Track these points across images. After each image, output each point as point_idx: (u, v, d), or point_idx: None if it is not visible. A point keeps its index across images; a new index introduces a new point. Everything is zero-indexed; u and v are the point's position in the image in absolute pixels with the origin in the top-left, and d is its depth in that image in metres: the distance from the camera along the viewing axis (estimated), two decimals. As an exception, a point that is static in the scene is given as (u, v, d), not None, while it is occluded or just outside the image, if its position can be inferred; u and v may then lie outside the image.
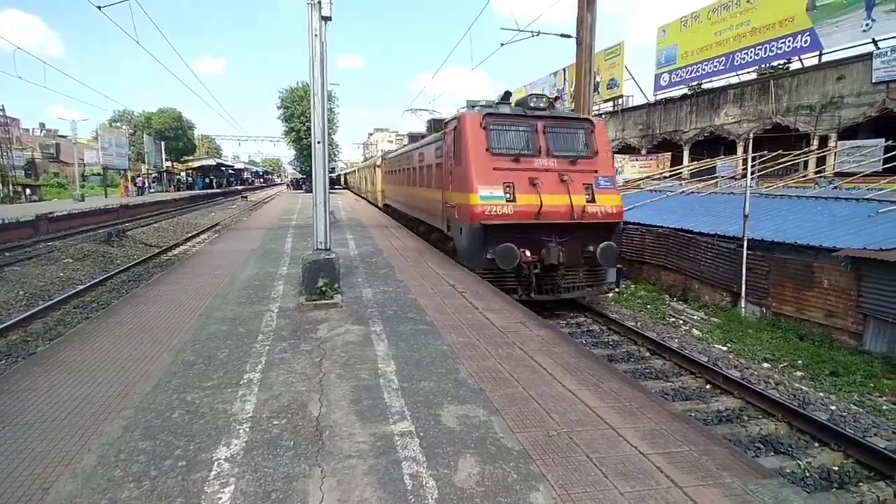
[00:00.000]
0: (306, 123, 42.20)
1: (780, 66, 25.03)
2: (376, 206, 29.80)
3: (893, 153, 17.59)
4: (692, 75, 30.13)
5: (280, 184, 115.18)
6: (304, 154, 49.03)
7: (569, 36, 17.24)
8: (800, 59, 24.31)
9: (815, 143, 22.65)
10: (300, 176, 60.68)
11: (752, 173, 14.61)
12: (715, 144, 28.82)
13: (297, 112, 47.81)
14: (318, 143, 8.11)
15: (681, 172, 26.65)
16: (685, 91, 30.50)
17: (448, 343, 5.96)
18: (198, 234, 23.47)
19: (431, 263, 11.38)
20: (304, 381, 4.82)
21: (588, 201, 10.87)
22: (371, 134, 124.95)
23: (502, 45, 17.72)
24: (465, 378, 4.93)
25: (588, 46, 16.18)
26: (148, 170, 56.35)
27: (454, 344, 5.92)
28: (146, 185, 51.55)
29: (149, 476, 3.32)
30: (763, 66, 25.63)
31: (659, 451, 3.68)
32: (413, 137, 21.53)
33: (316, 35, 7.84)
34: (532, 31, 17.36)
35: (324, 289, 7.77)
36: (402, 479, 3.26)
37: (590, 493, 3.15)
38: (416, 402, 4.38)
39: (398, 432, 3.86)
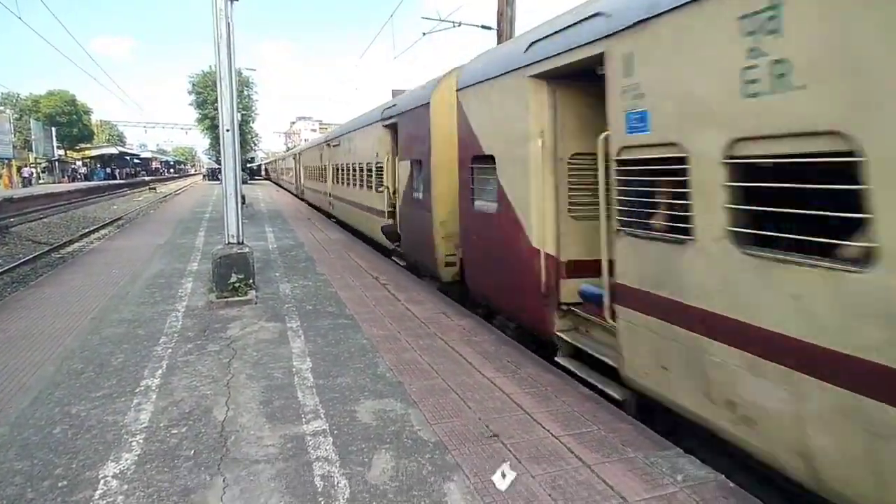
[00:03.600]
0: (220, 110, 39.89)
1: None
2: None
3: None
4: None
5: (195, 174, 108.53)
6: (219, 142, 46.42)
7: (490, 28, 17.43)
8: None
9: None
10: (217, 166, 57.47)
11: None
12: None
13: (210, 98, 45.03)
14: (228, 130, 7.63)
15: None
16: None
17: (368, 336, 5.83)
18: (97, 230, 21.52)
19: (354, 256, 11.14)
20: (210, 384, 4.51)
21: None
22: (293, 122, 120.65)
23: (424, 34, 17.61)
24: (384, 372, 4.84)
25: (508, 38, 16.46)
26: (36, 158, 50.92)
27: (374, 337, 5.81)
28: (33, 175, 46.57)
29: (24, 499, 2.96)
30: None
31: (571, 432, 3.79)
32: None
33: (222, 15, 7.34)
34: (453, 22, 17.37)
35: (237, 285, 7.35)
36: (312, 481, 3.12)
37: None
38: (332, 400, 4.23)
39: (310, 432, 3.70)
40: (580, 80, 4.79)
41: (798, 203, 2.72)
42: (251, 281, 7.60)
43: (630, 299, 4.01)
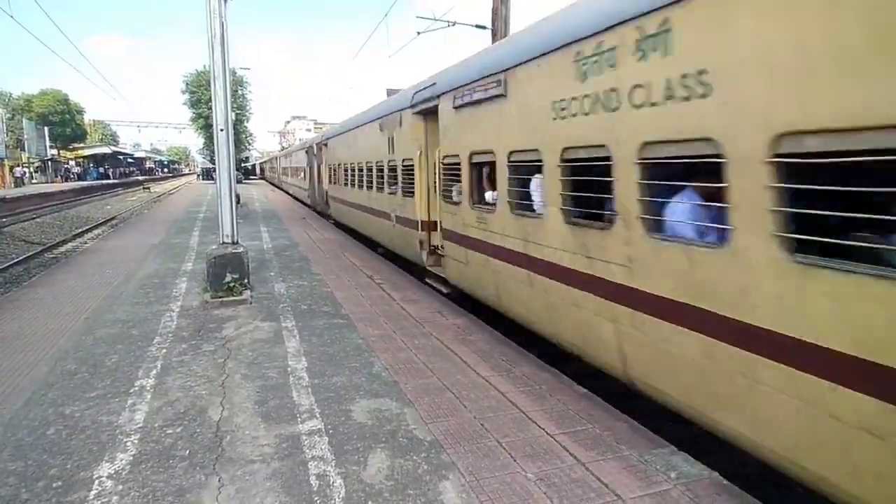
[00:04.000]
0: (214, 109, 39.68)
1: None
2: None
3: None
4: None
5: (189, 174, 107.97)
6: (213, 142, 46.18)
7: (484, 27, 17.43)
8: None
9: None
10: (211, 165, 57.21)
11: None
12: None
13: (204, 97, 44.84)
14: (222, 130, 7.60)
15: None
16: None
17: (363, 336, 5.83)
18: (90, 230, 21.39)
19: (350, 255, 11.13)
20: (205, 384, 4.50)
21: None
22: (288, 122, 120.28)
23: (419, 33, 17.59)
24: (380, 371, 4.84)
25: (503, 37, 16.47)
26: (29, 158, 50.56)
27: (370, 336, 5.81)
28: (26, 175, 46.20)
29: (19, 500, 2.96)
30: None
31: (565, 430, 3.80)
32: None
33: (215, 14, 7.32)
34: (448, 21, 17.37)
35: (231, 285, 7.33)
36: (307, 480, 3.12)
37: (498, 477, 3.19)
38: (327, 399, 4.23)
39: (306, 431, 3.70)
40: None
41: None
42: (246, 281, 7.58)
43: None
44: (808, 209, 2.60)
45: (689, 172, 3.57)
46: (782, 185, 2.68)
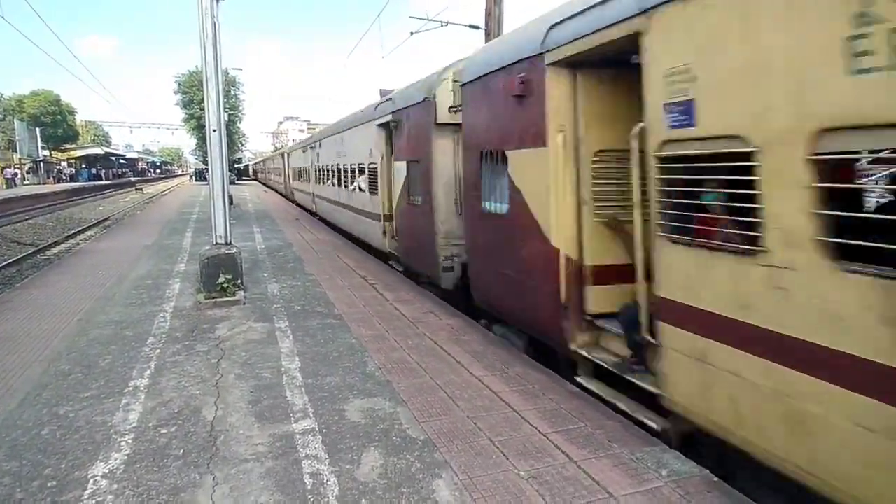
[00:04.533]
0: (208, 110, 39.56)
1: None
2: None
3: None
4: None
5: (181, 174, 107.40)
6: (206, 143, 46.00)
7: (477, 27, 17.49)
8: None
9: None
10: (204, 166, 56.99)
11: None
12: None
13: (196, 98, 44.68)
14: (214, 130, 7.61)
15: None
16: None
17: (357, 336, 5.85)
18: (83, 231, 21.26)
19: (343, 256, 11.14)
20: (199, 384, 4.51)
21: None
22: (281, 122, 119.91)
23: (412, 33, 17.63)
24: (373, 371, 4.86)
25: (495, 37, 16.55)
26: (21, 159, 50.16)
27: (363, 337, 5.83)
28: (17, 176, 45.83)
29: (13, 499, 2.96)
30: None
31: (558, 429, 3.84)
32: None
33: (207, 14, 7.33)
34: (441, 21, 17.41)
35: (225, 285, 7.33)
36: (301, 479, 3.15)
37: (491, 475, 3.22)
38: (321, 399, 4.25)
39: (299, 431, 3.73)
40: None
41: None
42: (239, 281, 7.58)
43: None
44: None
45: None
46: None
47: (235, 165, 55.29)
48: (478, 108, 6.16)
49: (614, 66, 4.39)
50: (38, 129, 53.10)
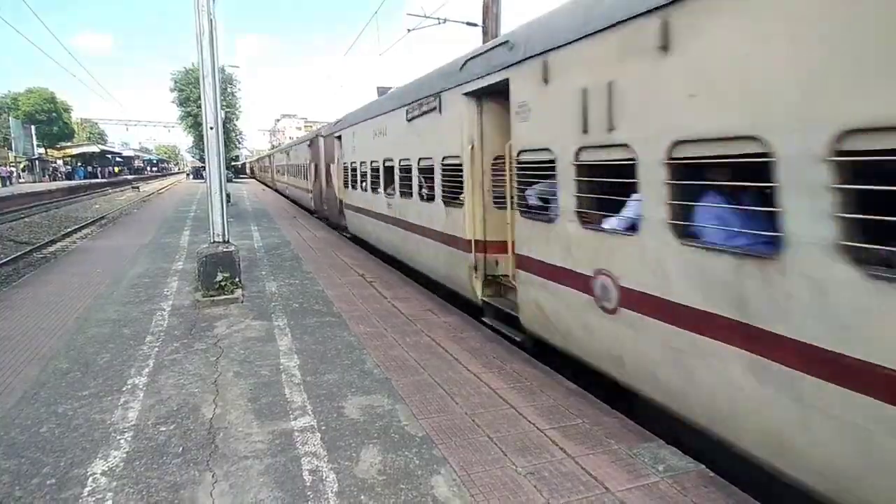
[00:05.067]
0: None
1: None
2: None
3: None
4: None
5: (178, 173, 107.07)
6: (203, 140, 45.74)
7: (475, 24, 17.47)
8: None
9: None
10: (201, 164, 56.78)
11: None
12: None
13: (193, 96, 44.43)
14: (212, 128, 7.59)
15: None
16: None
17: (355, 334, 5.86)
18: (79, 229, 21.19)
19: (341, 254, 11.14)
20: (198, 382, 4.52)
21: None
22: (278, 120, 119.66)
23: (409, 31, 17.59)
24: (372, 368, 4.88)
25: (493, 35, 16.52)
26: (16, 157, 49.93)
27: (361, 334, 5.84)
28: (13, 174, 45.63)
29: (13, 497, 2.97)
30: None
31: (555, 425, 3.87)
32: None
33: (203, 11, 7.30)
34: (438, 19, 17.38)
35: (223, 283, 7.33)
36: (300, 475, 3.16)
37: (489, 471, 3.24)
38: (319, 396, 4.27)
39: (298, 428, 3.74)
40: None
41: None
42: (237, 279, 7.58)
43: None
44: None
45: None
46: None
47: (233, 163, 55.11)
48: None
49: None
50: (33, 127, 52.86)
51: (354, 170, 12.36)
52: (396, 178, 9.20)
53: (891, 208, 2.26)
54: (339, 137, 14.38)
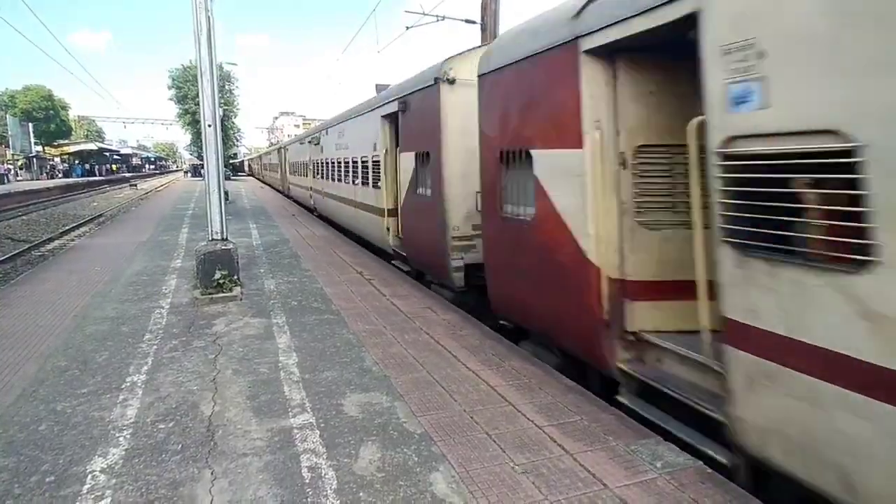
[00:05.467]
0: (202, 105, 39.18)
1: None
2: None
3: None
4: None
5: (176, 170, 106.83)
6: (201, 138, 45.62)
7: (473, 21, 17.44)
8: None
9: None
10: (199, 162, 56.66)
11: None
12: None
13: (191, 93, 44.33)
14: (210, 126, 7.58)
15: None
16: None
17: (354, 331, 5.87)
18: (77, 227, 21.15)
19: (339, 252, 11.14)
20: (197, 379, 4.52)
21: None
22: (276, 118, 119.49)
23: (407, 28, 17.56)
24: (370, 366, 4.88)
25: (492, 32, 16.48)
26: (14, 155, 49.80)
27: (360, 332, 5.85)
28: (10, 172, 45.50)
29: (11, 495, 2.97)
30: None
31: (553, 422, 3.87)
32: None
33: (201, 8, 7.28)
34: (437, 16, 17.35)
35: (221, 281, 7.33)
36: (299, 472, 3.17)
37: (487, 468, 3.25)
38: (318, 394, 4.27)
39: (297, 425, 3.74)
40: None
41: None
42: (236, 277, 7.58)
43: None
44: None
45: None
46: None
47: (231, 161, 55.01)
48: None
49: None
50: (30, 125, 52.74)
51: None
52: None
53: None
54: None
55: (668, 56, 3.91)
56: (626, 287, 4.19)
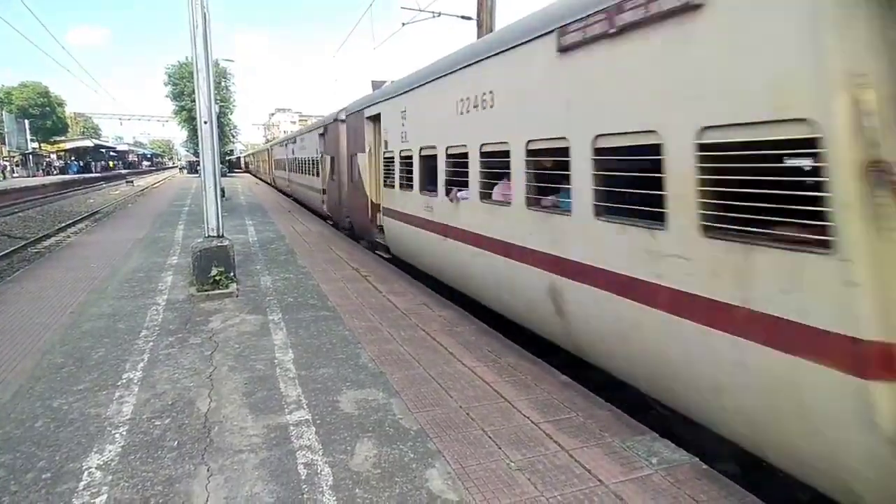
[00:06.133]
0: (199, 102, 38.97)
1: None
2: None
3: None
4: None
5: (173, 167, 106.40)
6: (197, 135, 45.47)
7: (469, 18, 17.38)
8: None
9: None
10: (195, 158, 56.45)
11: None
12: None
13: (187, 90, 44.22)
14: (206, 122, 7.55)
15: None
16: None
17: (350, 328, 5.87)
18: (73, 224, 21.08)
19: (336, 248, 11.13)
20: (193, 376, 4.52)
21: None
22: (272, 114, 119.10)
23: (403, 24, 17.50)
24: (366, 362, 4.89)
25: (488, 29, 16.47)
26: (10, 152, 49.55)
27: (356, 329, 5.85)
28: (6, 169, 45.28)
29: (8, 492, 2.97)
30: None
31: (549, 419, 3.89)
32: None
33: (197, 4, 7.25)
34: (433, 12, 17.29)
35: (217, 278, 7.31)
36: (295, 469, 3.17)
37: (483, 464, 3.27)
38: (314, 390, 4.28)
39: (293, 422, 3.75)
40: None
41: None
42: (232, 274, 7.56)
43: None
44: None
45: None
46: None
47: (227, 158, 54.86)
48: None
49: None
50: (26, 122, 52.46)
51: None
52: None
53: None
54: None
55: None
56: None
